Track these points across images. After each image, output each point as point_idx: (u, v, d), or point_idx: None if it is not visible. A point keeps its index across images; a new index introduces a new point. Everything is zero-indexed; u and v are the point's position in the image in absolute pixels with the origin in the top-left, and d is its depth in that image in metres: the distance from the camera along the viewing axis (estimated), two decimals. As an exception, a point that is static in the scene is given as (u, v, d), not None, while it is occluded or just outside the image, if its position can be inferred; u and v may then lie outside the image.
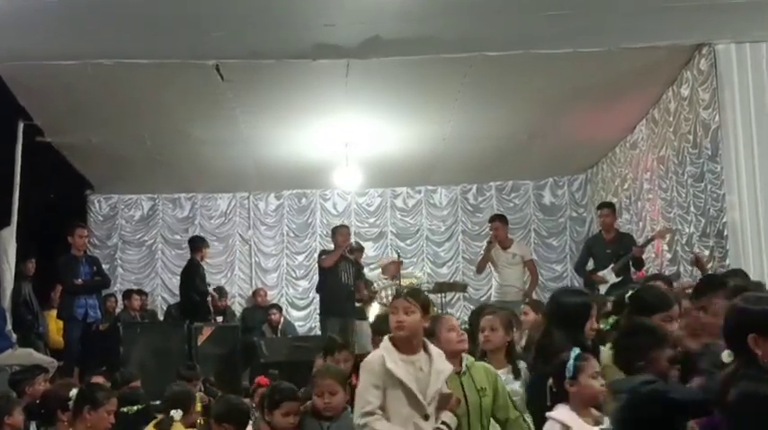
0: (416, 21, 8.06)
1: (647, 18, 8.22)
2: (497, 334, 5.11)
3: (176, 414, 5.40)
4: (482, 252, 10.77)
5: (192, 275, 11.02)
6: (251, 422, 5.28)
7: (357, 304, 10.70)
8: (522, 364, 5.09)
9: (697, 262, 8.72)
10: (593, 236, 11.41)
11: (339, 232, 10.56)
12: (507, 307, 9.18)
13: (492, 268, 10.33)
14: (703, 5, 7.97)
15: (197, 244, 11.37)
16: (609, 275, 9.38)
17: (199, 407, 6.45)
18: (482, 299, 13.17)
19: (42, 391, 6.26)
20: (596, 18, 8.22)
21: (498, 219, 10.44)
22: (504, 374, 4.87)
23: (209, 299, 11.33)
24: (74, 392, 5.02)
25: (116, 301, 12.77)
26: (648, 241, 10.20)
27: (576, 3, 7.89)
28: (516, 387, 4.88)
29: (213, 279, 13.04)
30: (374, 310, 11.09)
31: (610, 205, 10.34)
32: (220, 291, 12.96)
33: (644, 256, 10.15)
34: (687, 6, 7.96)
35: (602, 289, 9.25)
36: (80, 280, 9.70)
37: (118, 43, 8.37)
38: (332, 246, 10.65)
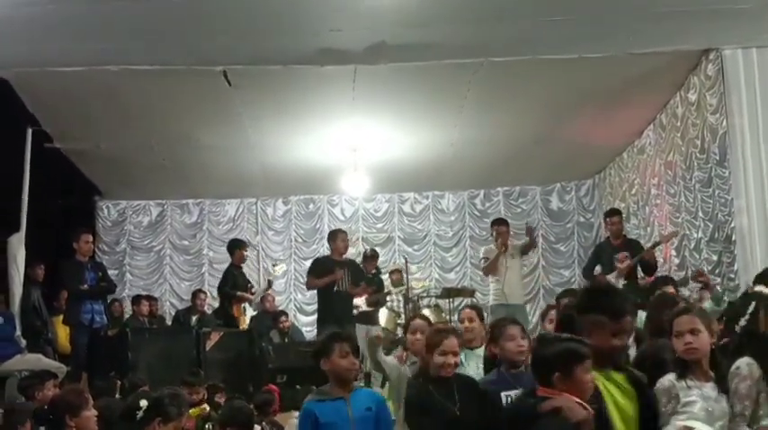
0: (422, 26, 8.07)
1: (653, 23, 8.22)
2: (702, 337, 3.77)
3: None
4: (486, 257, 10.68)
5: (222, 281, 10.91)
6: None
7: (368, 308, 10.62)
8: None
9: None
10: (601, 241, 11.37)
11: (339, 237, 10.24)
12: (510, 310, 9.24)
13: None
14: (710, 11, 7.97)
15: (230, 248, 11.12)
16: (614, 279, 9.35)
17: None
18: (490, 304, 13.09)
19: (51, 397, 6.26)
20: (603, 23, 8.23)
21: (504, 223, 10.39)
22: (711, 391, 3.71)
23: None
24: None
25: (122, 307, 12.68)
26: (655, 245, 10.15)
27: (582, 8, 7.90)
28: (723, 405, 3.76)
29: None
30: (383, 316, 11.04)
31: (619, 212, 10.29)
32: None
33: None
34: (694, 12, 7.97)
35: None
36: (86, 285, 9.72)
37: (125, 49, 8.42)
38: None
